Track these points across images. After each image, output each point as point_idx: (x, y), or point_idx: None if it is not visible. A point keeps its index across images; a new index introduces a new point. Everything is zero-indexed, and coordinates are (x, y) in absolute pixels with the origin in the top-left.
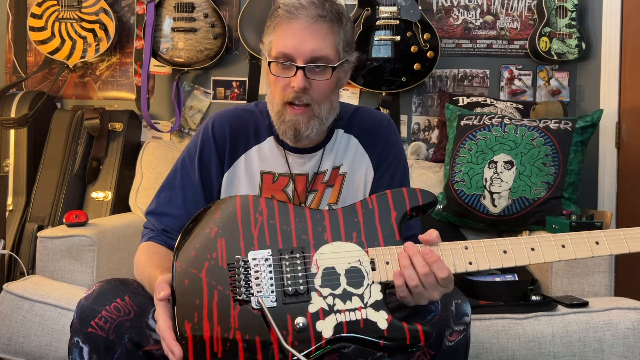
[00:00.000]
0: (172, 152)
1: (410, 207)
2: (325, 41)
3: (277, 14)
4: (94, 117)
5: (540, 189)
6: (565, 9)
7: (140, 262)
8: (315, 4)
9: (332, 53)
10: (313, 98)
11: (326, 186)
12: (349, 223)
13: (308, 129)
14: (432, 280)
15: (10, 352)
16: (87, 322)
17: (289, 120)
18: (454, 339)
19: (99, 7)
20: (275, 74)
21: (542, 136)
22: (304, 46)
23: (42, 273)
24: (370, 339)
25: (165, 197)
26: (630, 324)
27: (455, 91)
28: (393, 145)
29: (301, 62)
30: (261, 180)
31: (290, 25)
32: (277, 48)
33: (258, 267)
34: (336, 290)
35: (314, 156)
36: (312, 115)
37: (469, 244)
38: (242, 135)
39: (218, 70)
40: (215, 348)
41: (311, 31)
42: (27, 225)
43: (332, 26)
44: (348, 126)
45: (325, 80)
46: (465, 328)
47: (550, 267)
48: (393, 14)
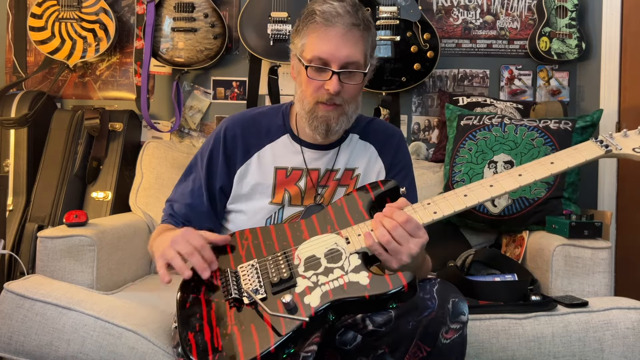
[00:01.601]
0: (172, 152)
1: (375, 195)
2: (357, 48)
3: (314, 20)
4: (94, 117)
5: (540, 189)
6: (565, 9)
7: (153, 236)
8: (350, 13)
9: (362, 59)
10: (344, 99)
11: (338, 184)
12: (322, 221)
13: (338, 124)
14: (402, 232)
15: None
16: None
17: (322, 116)
18: (449, 337)
19: (99, 7)
20: (311, 77)
21: (542, 136)
22: (339, 52)
23: (42, 273)
24: (356, 297)
25: (178, 187)
26: (630, 323)
27: (455, 91)
28: (404, 155)
29: (336, 67)
30: (275, 175)
31: (327, 31)
32: (312, 52)
33: (246, 272)
34: (318, 270)
35: (328, 153)
36: (342, 112)
37: (431, 200)
38: (254, 136)
39: (218, 70)
40: (215, 344)
41: (346, 38)
42: (27, 225)
43: (363, 34)
44: (364, 133)
45: (356, 84)
46: (461, 327)
47: (550, 267)
48: (393, 13)
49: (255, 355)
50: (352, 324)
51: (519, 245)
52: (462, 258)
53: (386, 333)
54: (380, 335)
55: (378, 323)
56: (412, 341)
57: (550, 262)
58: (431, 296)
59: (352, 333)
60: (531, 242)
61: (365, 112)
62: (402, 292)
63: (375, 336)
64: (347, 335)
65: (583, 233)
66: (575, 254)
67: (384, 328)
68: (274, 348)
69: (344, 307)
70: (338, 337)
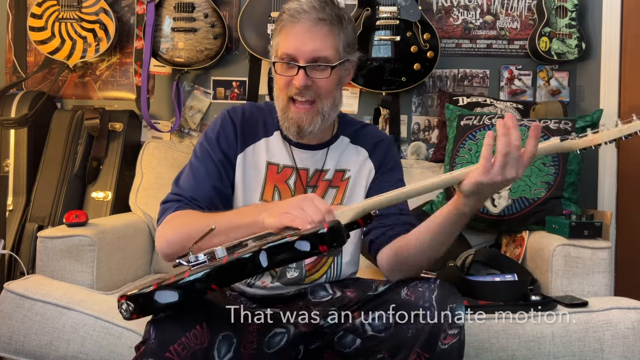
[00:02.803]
0: (172, 152)
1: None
2: (325, 42)
3: (282, 19)
4: (94, 117)
5: (540, 189)
6: (565, 9)
7: (182, 220)
8: (317, 8)
9: (331, 54)
10: (317, 94)
11: (329, 185)
12: None
13: (311, 126)
14: (518, 153)
15: (10, 351)
16: (167, 346)
17: (292, 117)
18: (448, 342)
19: (99, 7)
20: (280, 73)
21: (542, 136)
22: (305, 47)
23: (42, 273)
24: (287, 239)
25: (186, 177)
26: (630, 323)
27: (455, 91)
28: (393, 157)
29: (302, 62)
30: (266, 170)
31: (293, 28)
32: (281, 49)
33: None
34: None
35: (317, 153)
36: (315, 112)
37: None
38: (252, 127)
39: (218, 70)
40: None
41: (312, 33)
42: (27, 225)
43: (332, 28)
44: (354, 137)
45: (326, 79)
46: (459, 331)
47: (550, 267)
48: (393, 14)
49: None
50: (351, 328)
51: (519, 245)
52: (462, 258)
53: (386, 339)
54: (380, 341)
55: (377, 328)
56: (412, 349)
57: (550, 262)
58: (430, 304)
59: (351, 336)
60: (531, 242)
61: (365, 112)
62: (323, 233)
63: (375, 341)
64: (346, 339)
65: (583, 233)
66: (575, 254)
67: (383, 334)
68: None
69: (280, 246)
70: (337, 339)
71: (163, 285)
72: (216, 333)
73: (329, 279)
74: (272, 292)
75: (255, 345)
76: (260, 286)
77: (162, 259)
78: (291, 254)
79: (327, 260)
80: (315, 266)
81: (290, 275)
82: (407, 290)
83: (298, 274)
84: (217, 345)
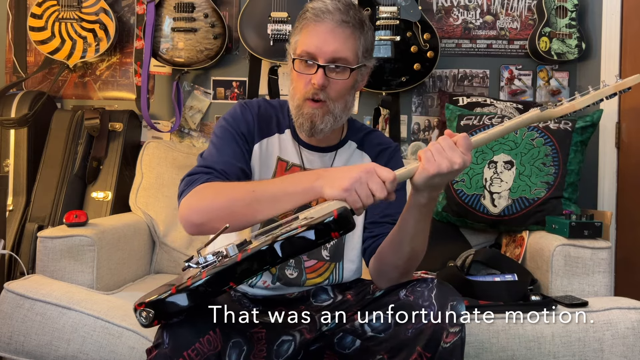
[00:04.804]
0: (172, 152)
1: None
2: (346, 44)
3: (305, 17)
4: (94, 117)
5: (540, 189)
6: (565, 9)
7: (217, 189)
8: (341, 10)
9: (351, 56)
10: (329, 96)
11: None
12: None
13: (323, 123)
14: (449, 141)
15: (10, 351)
16: (180, 351)
17: (307, 112)
18: (450, 341)
19: (99, 7)
20: (298, 71)
21: (542, 136)
22: (326, 47)
23: (42, 273)
24: (294, 227)
25: (211, 153)
26: (630, 323)
27: (455, 91)
28: (396, 164)
29: (322, 61)
30: (276, 165)
31: (317, 27)
32: (302, 47)
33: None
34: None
35: (325, 156)
36: (327, 110)
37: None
38: (266, 121)
39: (218, 70)
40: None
41: (334, 34)
42: (27, 225)
43: (354, 32)
44: (361, 144)
45: (343, 80)
46: (460, 329)
47: (550, 267)
48: (393, 14)
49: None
50: (350, 329)
51: (519, 245)
52: (462, 258)
53: (385, 339)
54: (379, 341)
55: (377, 329)
56: (413, 349)
57: (550, 262)
58: (430, 303)
59: (350, 337)
60: (531, 242)
61: (365, 112)
62: (333, 221)
63: (374, 342)
64: (345, 340)
65: (583, 233)
66: (575, 254)
67: (383, 334)
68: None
69: (288, 240)
70: (337, 340)
71: (181, 289)
72: (228, 339)
73: (331, 284)
74: (274, 293)
75: (265, 354)
76: (261, 286)
77: (187, 231)
78: (304, 244)
79: (329, 266)
80: (316, 270)
81: (290, 275)
82: (405, 290)
83: (298, 274)
84: (228, 351)
